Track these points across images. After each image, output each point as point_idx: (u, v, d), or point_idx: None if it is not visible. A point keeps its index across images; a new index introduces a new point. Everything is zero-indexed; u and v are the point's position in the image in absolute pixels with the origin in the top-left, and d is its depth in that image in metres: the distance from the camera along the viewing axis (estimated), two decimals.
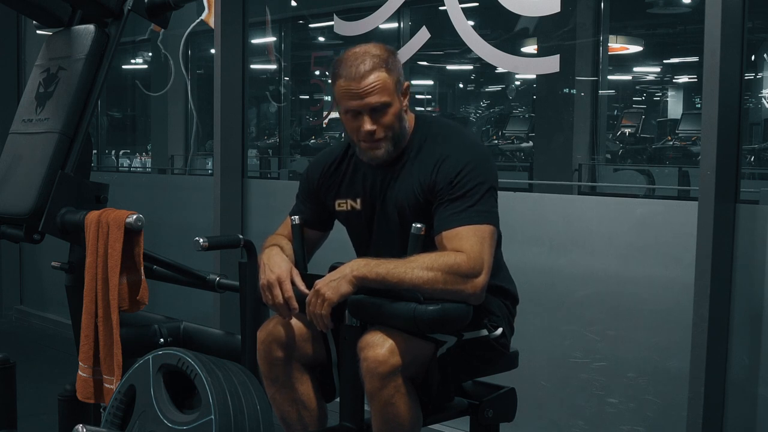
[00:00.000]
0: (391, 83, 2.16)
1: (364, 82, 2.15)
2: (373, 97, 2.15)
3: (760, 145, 9.62)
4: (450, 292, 2.04)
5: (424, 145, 2.22)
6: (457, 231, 2.09)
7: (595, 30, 7.14)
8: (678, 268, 2.84)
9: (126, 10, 2.45)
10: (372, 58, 2.16)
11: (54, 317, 5.63)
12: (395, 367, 2.02)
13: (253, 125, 9.25)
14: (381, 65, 2.16)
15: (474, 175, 2.14)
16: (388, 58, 2.18)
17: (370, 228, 2.32)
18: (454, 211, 2.11)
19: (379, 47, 2.21)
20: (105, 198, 2.41)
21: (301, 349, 2.28)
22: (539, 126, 8.26)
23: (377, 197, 2.27)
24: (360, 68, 2.15)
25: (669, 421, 2.89)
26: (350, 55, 2.19)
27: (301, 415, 2.30)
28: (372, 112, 2.16)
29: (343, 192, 2.33)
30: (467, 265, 2.04)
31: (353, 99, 2.16)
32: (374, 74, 2.15)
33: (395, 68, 2.19)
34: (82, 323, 2.26)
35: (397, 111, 2.19)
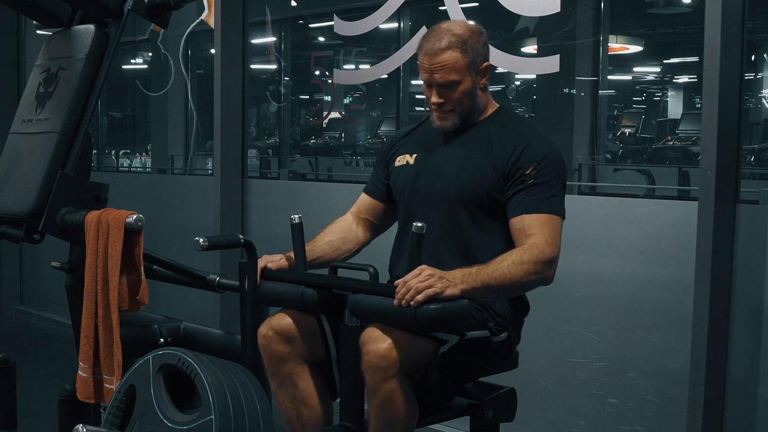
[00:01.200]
0: (463, 63, 2.26)
1: (436, 59, 2.27)
2: (440, 74, 2.27)
3: (760, 145, 9.63)
4: (535, 279, 2.15)
5: (504, 128, 2.32)
6: (536, 217, 2.19)
7: (595, 30, 7.14)
8: (678, 268, 2.84)
9: (126, 10, 2.45)
10: (450, 36, 2.27)
11: (54, 317, 5.63)
12: (396, 361, 2.03)
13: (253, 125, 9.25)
14: (457, 45, 2.26)
15: (556, 167, 2.26)
16: (468, 39, 2.27)
17: (415, 178, 2.38)
18: (536, 197, 2.21)
19: (464, 27, 2.32)
20: (105, 198, 2.41)
21: (303, 346, 2.28)
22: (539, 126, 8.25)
23: (434, 154, 2.37)
24: (435, 45, 2.27)
25: (669, 421, 2.89)
26: (434, 29, 2.32)
27: (301, 413, 2.30)
28: (440, 87, 2.29)
29: (406, 149, 2.45)
30: (549, 252, 2.16)
31: (425, 72, 2.31)
32: (447, 53, 2.26)
33: (473, 48, 2.28)
34: (82, 323, 2.25)
35: (468, 88, 2.29)
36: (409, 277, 2.03)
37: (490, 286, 2.08)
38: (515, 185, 2.23)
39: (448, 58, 2.26)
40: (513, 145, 2.26)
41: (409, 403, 2.08)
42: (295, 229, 2.36)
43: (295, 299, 2.27)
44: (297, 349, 2.28)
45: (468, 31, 2.30)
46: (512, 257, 2.12)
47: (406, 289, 2.01)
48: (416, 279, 2.01)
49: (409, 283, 2.01)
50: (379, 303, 2.07)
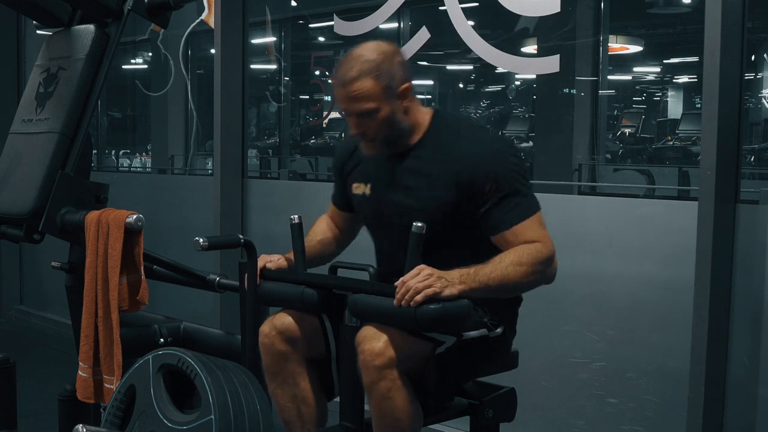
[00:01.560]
0: (378, 90, 2.17)
1: (349, 89, 2.18)
2: (355, 104, 2.19)
3: (760, 145, 9.63)
4: (537, 279, 2.14)
5: (445, 142, 2.24)
6: (521, 225, 2.14)
7: (595, 30, 7.14)
8: (678, 268, 2.84)
9: (126, 10, 2.45)
10: (362, 64, 2.18)
11: (54, 317, 5.63)
12: (391, 359, 2.02)
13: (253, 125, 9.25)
14: (369, 72, 2.17)
15: (511, 169, 2.18)
16: (381, 63, 2.18)
17: (375, 211, 2.35)
18: (507, 208, 2.15)
19: (376, 51, 2.21)
20: (105, 198, 2.41)
21: (304, 345, 2.28)
22: (539, 126, 8.26)
23: (387, 187, 2.30)
24: (347, 75, 2.18)
25: (669, 421, 2.89)
26: (347, 57, 2.22)
27: (301, 411, 2.31)
28: (358, 116, 2.20)
29: (358, 175, 2.39)
30: (547, 251, 2.14)
31: (341, 102, 2.23)
32: (359, 82, 2.17)
33: (387, 73, 2.18)
34: (82, 323, 2.25)
35: (387, 116, 2.19)
36: (407, 277, 2.03)
37: (489, 286, 2.08)
38: (482, 204, 2.16)
39: (360, 87, 2.16)
40: (460, 163, 2.17)
41: (409, 402, 2.08)
42: (295, 229, 2.36)
43: (295, 299, 2.27)
44: (298, 349, 2.28)
45: (380, 55, 2.19)
46: (511, 258, 2.11)
47: (405, 289, 2.01)
48: (415, 279, 2.01)
49: (408, 284, 2.01)
50: (379, 303, 2.07)
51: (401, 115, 2.22)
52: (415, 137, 2.27)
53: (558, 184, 5.65)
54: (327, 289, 2.25)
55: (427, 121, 2.28)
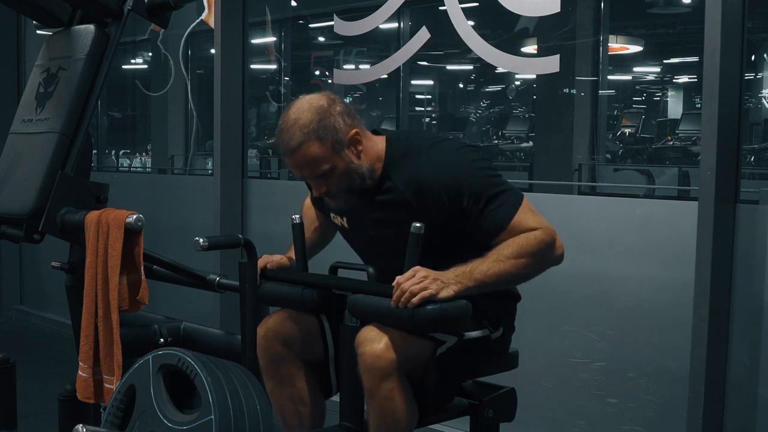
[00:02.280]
0: (325, 150, 2.11)
1: (297, 158, 2.13)
2: (308, 169, 2.14)
3: (760, 145, 9.63)
4: (541, 266, 2.13)
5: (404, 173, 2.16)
6: (514, 222, 2.11)
7: (595, 30, 7.14)
8: (678, 268, 2.84)
9: (126, 10, 2.45)
10: (301, 129, 2.11)
11: (54, 317, 5.63)
12: (392, 362, 2.02)
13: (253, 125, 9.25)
14: (310, 136, 2.10)
15: (480, 174, 2.13)
16: (319, 122, 2.11)
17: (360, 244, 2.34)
18: (494, 212, 2.10)
19: (309, 110, 2.14)
20: (105, 198, 2.41)
21: (301, 346, 2.28)
22: (539, 126, 8.27)
23: (363, 222, 2.27)
24: (290, 144, 2.12)
25: (669, 421, 2.89)
26: (283, 126, 2.15)
27: (299, 411, 2.31)
28: (316, 178, 2.16)
29: (333, 207, 2.33)
30: (547, 236, 2.11)
31: (294, 169, 2.17)
32: (304, 149, 2.11)
33: (329, 129, 2.11)
34: (82, 323, 2.25)
35: (343, 169, 2.14)
36: (403, 279, 2.02)
37: (485, 283, 2.07)
38: (467, 218, 2.12)
39: (308, 153, 2.10)
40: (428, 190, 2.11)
41: (408, 403, 2.08)
42: (296, 229, 2.36)
43: (295, 299, 2.27)
44: (295, 350, 2.28)
45: (317, 113, 2.12)
46: (508, 251, 2.08)
47: (401, 291, 2.00)
48: (410, 281, 2.00)
49: (403, 286, 2.00)
50: (379, 303, 2.07)
51: (357, 162, 2.16)
52: (377, 172, 2.20)
53: (558, 184, 5.65)
54: (327, 289, 2.25)
55: (383, 152, 2.21)
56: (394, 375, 2.03)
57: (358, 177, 2.17)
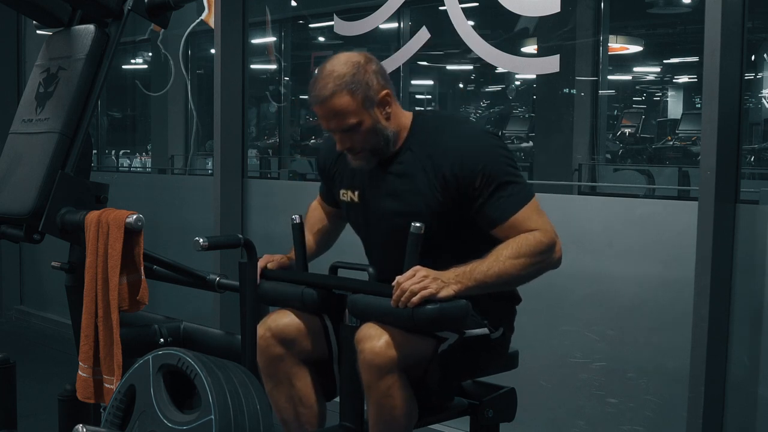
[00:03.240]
0: (355, 103, 2.14)
1: (326, 107, 2.16)
2: (336, 121, 2.16)
3: (760, 145, 9.64)
4: (539, 268, 2.12)
5: (427, 143, 2.21)
6: (519, 215, 2.12)
7: (595, 30, 7.14)
8: (678, 268, 2.84)
9: (126, 10, 2.45)
10: (335, 80, 2.14)
11: (54, 317, 5.63)
12: (392, 359, 2.02)
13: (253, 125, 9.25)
14: (343, 88, 2.14)
15: (499, 160, 2.15)
16: (354, 76, 2.15)
17: (366, 219, 2.33)
18: (502, 200, 2.11)
19: (347, 63, 2.17)
20: (105, 198, 2.41)
21: (300, 345, 2.28)
22: (539, 126, 8.27)
23: (375, 194, 2.28)
24: (322, 93, 2.15)
25: (669, 421, 2.89)
26: (319, 74, 2.18)
27: (298, 412, 2.31)
28: (342, 132, 2.18)
29: (346, 182, 2.36)
30: (547, 239, 2.11)
31: (322, 120, 2.20)
32: (335, 99, 2.14)
33: (362, 84, 2.15)
34: (82, 323, 2.25)
35: (370, 126, 2.17)
36: (403, 278, 2.02)
37: (486, 283, 2.07)
38: (474, 200, 2.13)
39: (337, 104, 2.13)
40: (445, 162, 2.14)
41: (407, 400, 2.08)
42: (296, 229, 2.36)
43: (295, 299, 2.27)
44: (294, 350, 2.28)
45: (352, 67, 2.16)
46: (508, 251, 2.08)
47: (401, 291, 2.00)
48: (410, 281, 2.01)
49: (403, 285, 2.01)
50: (379, 303, 2.07)
51: (384, 123, 2.19)
52: (399, 142, 2.24)
53: (558, 184, 5.65)
54: (327, 289, 2.25)
55: (409, 124, 2.25)
56: (393, 372, 2.03)
57: (383, 139, 2.20)
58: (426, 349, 2.13)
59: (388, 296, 2.04)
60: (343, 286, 2.22)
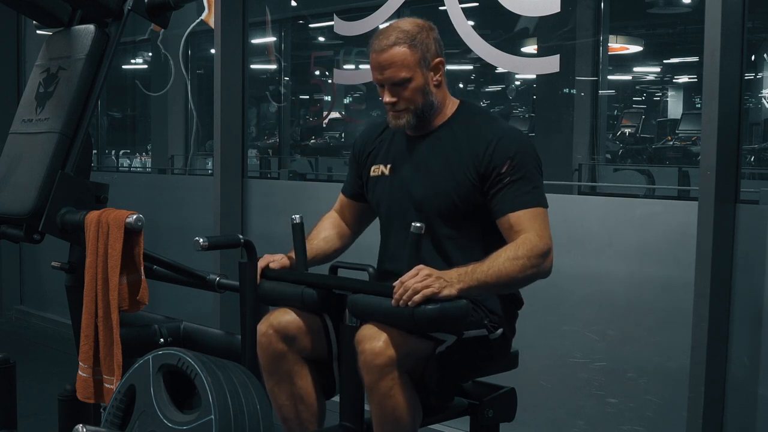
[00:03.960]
0: (412, 59, 2.23)
1: (384, 56, 2.24)
2: (390, 71, 2.24)
3: (760, 145, 9.63)
4: (533, 273, 2.14)
5: (469, 125, 2.29)
6: (524, 213, 2.17)
7: (595, 30, 7.14)
8: (678, 268, 2.84)
9: (126, 10, 2.45)
10: (398, 33, 2.24)
11: (54, 317, 5.63)
12: (392, 359, 2.03)
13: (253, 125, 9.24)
14: (405, 41, 2.23)
15: (530, 159, 2.22)
16: (417, 34, 2.24)
17: (391, 192, 2.37)
18: (518, 193, 2.18)
19: (412, 23, 2.28)
20: (105, 198, 2.41)
21: (301, 343, 2.28)
22: (539, 126, 8.26)
23: (407, 165, 2.34)
24: (383, 42, 2.24)
25: (669, 421, 2.89)
26: (383, 28, 2.28)
27: (299, 409, 2.31)
28: (392, 85, 2.26)
29: (380, 158, 2.42)
30: (543, 244, 2.15)
31: (375, 71, 2.27)
32: (395, 49, 2.23)
33: (422, 44, 2.24)
34: (82, 323, 2.25)
35: (419, 86, 2.25)
36: (406, 277, 2.03)
37: (487, 283, 2.09)
38: (494, 185, 2.20)
39: (396, 54, 2.23)
40: (482, 144, 2.23)
41: (409, 399, 2.08)
42: (296, 229, 2.36)
43: (295, 299, 2.27)
44: (296, 347, 2.28)
45: (417, 26, 2.27)
46: (507, 253, 2.12)
47: (404, 289, 2.01)
48: (413, 279, 2.02)
49: (406, 284, 2.01)
50: (379, 303, 2.07)
51: (433, 89, 2.28)
52: (440, 119, 2.32)
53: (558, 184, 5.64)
54: (327, 289, 2.25)
55: (454, 107, 2.34)
56: (394, 372, 2.04)
57: (428, 104, 2.28)
58: (424, 350, 2.13)
59: (388, 296, 2.04)
60: (343, 286, 2.22)
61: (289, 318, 2.28)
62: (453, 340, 2.18)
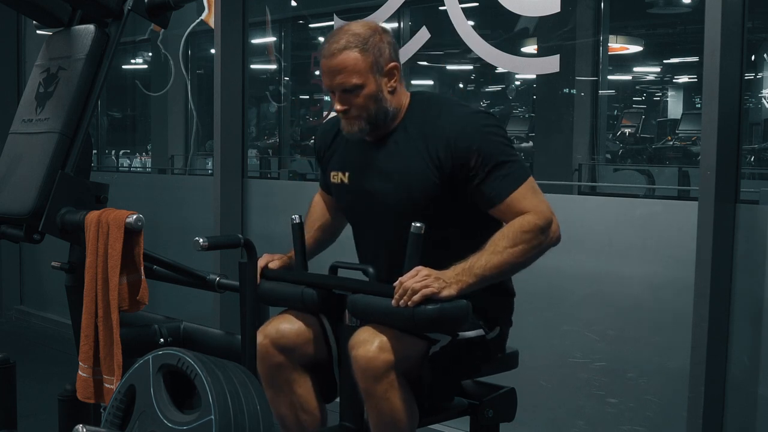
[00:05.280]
0: (364, 64, 2.14)
1: (334, 61, 2.14)
2: (341, 77, 2.15)
3: (760, 145, 9.64)
4: (539, 251, 2.11)
5: (424, 122, 2.20)
6: (513, 197, 2.11)
7: (595, 30, 7.14)
8: (678, 268, 2.84)
9: (126, 10, 2.44)
10: (349, 36, 2.14)
11: (54, 317, 5.63)
12: (386, 363, 2.02)
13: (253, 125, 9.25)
14: (356, 45, 2.14)
15: (494, 140, 2.14)
16: (369, 38, 2.15)
17: (354, 200, 2.32)
18: (498, 180, 2.11)
19: (364, 26, 2.18)
20: (105, 198, 2.41)
21: (300, 350, 2.27)
22: (539, 126, 8.26)
23: (366, 173, 2.27)
24: (333, 47, 2.15)
25: (669, 421, 2.89)
26: (334, 31, 2.20)
27: (300, 418, 2.30)
28: (342, 92, 2.16)
29: (336, 163, 2.35)
30: (541, 220, 2.10)
31: (325, 76, 2.18)
32: (344, 54, 2.13)
33: (375, 48, 2.15)
34: (82, 323, 2.25)
35: (372, 92, 2.16)
36: (406, 278, 2.02)
37: (486, 277, 2.07)
38: (469, 182, 2.13)
39: (346, 59, 2.13)
40: (440, 142, 2.13)
41: (406, 402, 2.07)
42: (296, 229, 2.36)
43: (295, 299, 2.27)
44: (294, 356, 2.27)
45: (369, 30, 2.17)
46: (504, 242, 2.07)
47: (403, 290, 2.00)
48: (413, 280, 2.01)
49: (405, 284, 2.01)
50: (379, 303, 2.07)
51: (386, 95, 2.19)
52: (395, 122, 2.24)
53: (558, 184, 5.65)
54: (327, 289, 2.25)
55: (407, 104, 2.25)
56: (389, 375, 2.03)
57: (381, 111, 2.19)
58: (418, 351, 2.12)
59: (388, 296, 2.04)
60: (343, 286, 2.22)
61: (286, 326, 2.27)
62: (447, 341, 2.17)
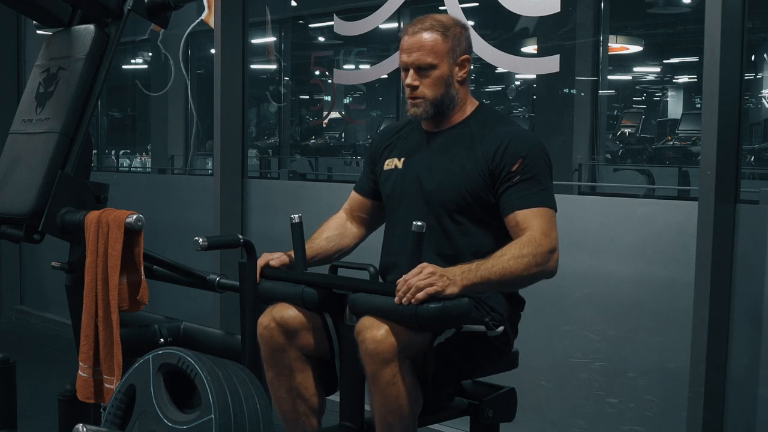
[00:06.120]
0: (442, 47, 2.27)
1: (415, 39, 2.29)
2: (418, 54, 2.28)
3: (760, 145, 9.63)
4: (540, 270, 2.15)
5: (485, 125, 2.32)
6: (532, 212, 2.19)
7: (595, 30, 7.14)
8: (678, 268, 2.84)
9: (126, 10, 2.45)
10: (433, 21, 2.29)
11: (54, 317, 5.63)
12: (394, 346, 2.03)
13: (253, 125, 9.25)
14: (438, 29, 2.28)
15: (541, 160, 2.26)
16: (451, 27, 2.30)
17: (402, 183, 2.38)
18: (527, 192, 2.21)
19: (449, 17, 2.35)
20: (105, 198, 2.41)
21: (302, 339, 2.28)
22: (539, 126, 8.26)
23: (420, 160, 2.36)
24: (417, 26, 2.30)
25: (669, 421, 2.89)
26: (421, 17, 2.33)
27: (296, 403, 2.30)
28: (417, 69, 2.29)
29: (395, 152, 2.45)
30: (548, 243, 2.16)
31: (403, 52, 2.31)
32: (427, 34, 2.28)
33: (454, 36, 2.29)
34: (82, 323, 2.25)
35: (443, 75, 2.29)
36: (409, 275, 2.03)
37: (490, 281, 2.09)
38: (503, 183, 2.23)
39: (427, 39, 2.27)
40: (496, 142, 2.26)
41: (412, 387, 2.08)
42: (295, 229, 2.36)
43: (295, 299, 2.27)
44: (297, 342, 2.28)
45: (452, 21, 2.33)
46: (511, 251, 2.12)
47: (407, 287, 2.01)
48: (417, 277, 2.02)
49: (409, 282, 2.02)
50: (379, 302, 2.07)
51: (456, 83, 2.31)
52: (458, 117, 2.35)
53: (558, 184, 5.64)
54: (327, 288, 2.25)
55: (473, 108, 2.38)
56: (396, 360, 2.03)
57: (447, 97, 2.32)
58: (423, 341, 2.12)
59: (389, 295, 2.04)
60: (343, 286, 2.22)
61: (291, 313, 2.28)
62: (452, 333, 2.18)
